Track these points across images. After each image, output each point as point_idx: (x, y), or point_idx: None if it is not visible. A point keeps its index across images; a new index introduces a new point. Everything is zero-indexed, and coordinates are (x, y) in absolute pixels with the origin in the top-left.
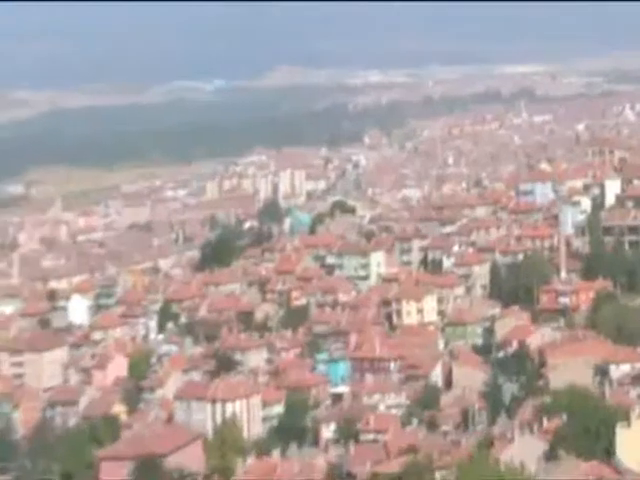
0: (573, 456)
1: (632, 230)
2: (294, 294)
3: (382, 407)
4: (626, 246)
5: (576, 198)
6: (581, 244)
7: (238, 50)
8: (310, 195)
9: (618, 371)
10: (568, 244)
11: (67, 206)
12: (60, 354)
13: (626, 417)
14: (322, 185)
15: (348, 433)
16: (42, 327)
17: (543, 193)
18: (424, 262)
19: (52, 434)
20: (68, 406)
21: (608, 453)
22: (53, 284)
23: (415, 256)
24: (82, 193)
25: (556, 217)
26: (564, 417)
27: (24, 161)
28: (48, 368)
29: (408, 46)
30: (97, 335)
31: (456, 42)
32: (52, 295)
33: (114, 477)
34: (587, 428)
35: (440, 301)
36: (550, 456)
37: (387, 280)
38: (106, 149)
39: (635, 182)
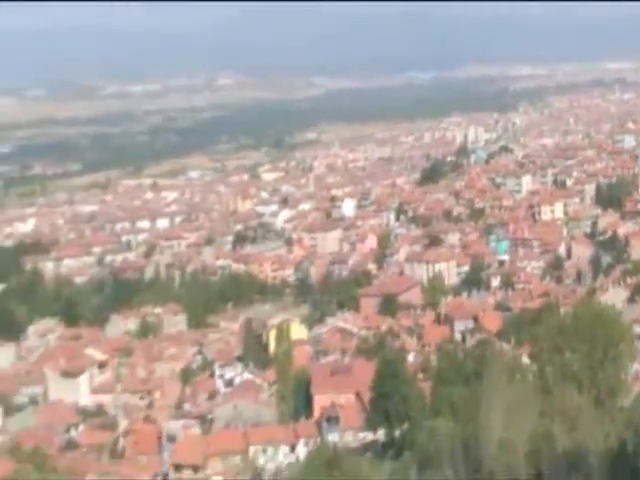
0: None
1: None
2: (476, 200)
3: (529, 268)
4: None
5: None
6: None
7: (437, 49)
8: (486, 141)
9: None
10: None
11: (342, 146)
12: (337, 233)
13: None
14: (493, 136)
15: (508, 283)
16: (326, 217)
17: (629, 141)
18: (555, 182)
19: (332, 281)
20: (342, 264)
21: None
22: (333, 192)
23: (549, 178)
24: (351, 138)
25: (637, 156)
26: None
27: (317, 119)
28: (330, 242)
29: (546, 49)
30: (359, 222)
31: (575, 46)
32: (332, 198)
33: (368, 307)
34: None
35: (565, 206)
36: (631, 300)
37: (532, 193)
38: (364, 112)
39: None
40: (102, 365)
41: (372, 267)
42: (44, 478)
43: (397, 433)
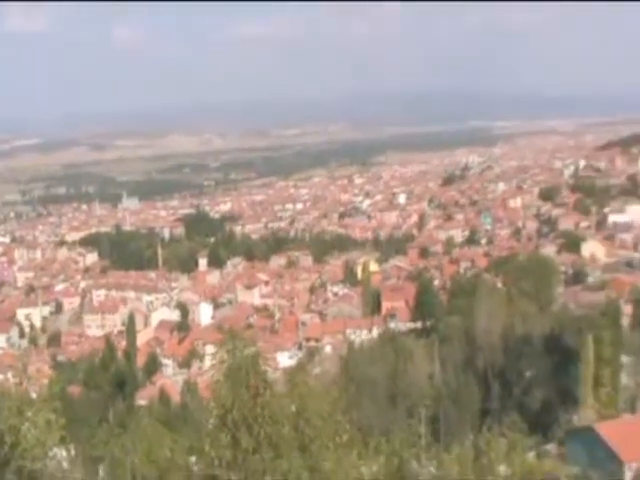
0: None
1: None
2: (473, 195)
3: (502, 233)
4: None
5: None
6: None
7: (457, 115)
8: (479, 163)
9: None
10: None
11: (399, 165)
12: (395, 213)
13: None
14: (483, 159)
15: (490, 241)
16: (389, 204)
17: (558, 165)
18: (517, 186)
19: (393, 239)
20: (398, 230)
21: None
22: (394, 190)
23: (514, 184)
24: (403, 160)
25: (562, 171)
26: None
27: (385, 149)
28: (392, 217)
29: (513, 112)
30: (408, 207)
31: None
32: (393, 194)
33: (413, 254)
34: None
35: (522, 199)
36: (558, 252)
37: (504, 192)
38: (410, 146)
39: None
40: (266, 283)
41: (415, 232)
42: (238, 342)
43: (428, 324)
